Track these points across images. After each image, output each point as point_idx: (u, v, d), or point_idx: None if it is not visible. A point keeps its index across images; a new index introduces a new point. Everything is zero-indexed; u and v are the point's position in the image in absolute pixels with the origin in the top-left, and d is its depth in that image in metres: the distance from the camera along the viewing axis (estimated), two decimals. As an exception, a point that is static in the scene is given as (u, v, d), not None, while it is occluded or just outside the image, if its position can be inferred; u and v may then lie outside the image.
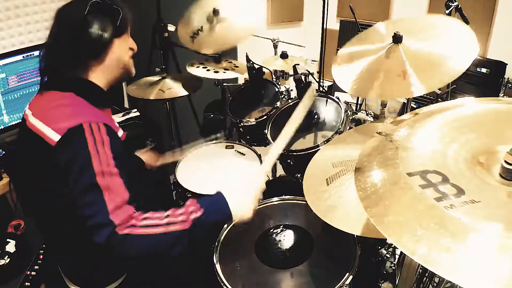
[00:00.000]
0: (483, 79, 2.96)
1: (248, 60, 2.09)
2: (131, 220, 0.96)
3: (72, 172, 0.96)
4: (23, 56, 2.00)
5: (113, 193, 0.96)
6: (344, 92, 1.43)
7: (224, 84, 2.42)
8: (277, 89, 2.10)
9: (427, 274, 1.51)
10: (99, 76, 1.15)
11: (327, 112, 1.84)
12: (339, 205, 1.21)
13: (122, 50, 1.17)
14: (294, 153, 1.67)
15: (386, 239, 0.56)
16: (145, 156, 1.69)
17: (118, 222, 0.93)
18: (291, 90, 2.11)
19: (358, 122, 1.79)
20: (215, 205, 1.09)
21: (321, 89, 2.43)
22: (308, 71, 2.04)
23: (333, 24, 3.99)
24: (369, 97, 1.41)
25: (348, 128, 1.74)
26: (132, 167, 1.25)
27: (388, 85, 1.33)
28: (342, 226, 1.12)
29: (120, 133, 1.17)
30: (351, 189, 1.22)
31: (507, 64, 2.86)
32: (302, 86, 1.87)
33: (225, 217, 1.09)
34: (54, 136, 0.99)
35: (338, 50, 1.69)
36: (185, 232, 0.99)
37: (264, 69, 2.14)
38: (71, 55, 1.08)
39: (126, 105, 2.95)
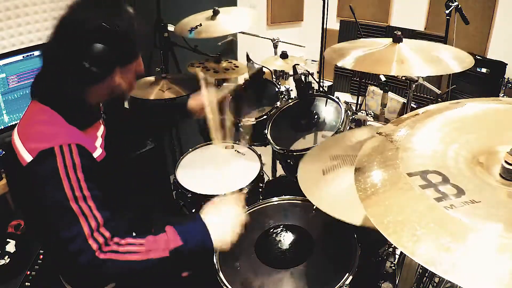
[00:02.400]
0: (483, 79, 2.96)
1: (248, 60, 2.10)
2: (112, 245, 0.96)
3: (44, 196, 0.95)
4: (23, 56, 2.00)
5: (88, 218, 0.95)
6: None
7: (224, 84, 2.42)
8: (277, 89, 2.10)
9: (427, 274, 1.51)
10: (90, 96, 1.11)
11: (327, 112, 1.84)
12: (334, 192, 1.24)
13: (123, 79, 1.11)
14: (294, 153, 1.68)
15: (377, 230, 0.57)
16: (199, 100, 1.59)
17: (95, 247, 0.93)
18: (291, 90, 2.11)
19: (358, 122, 1.79)
20: (196, 237, 1.06)
21: (321, 89, 2.43)
22: (308, 71, 2.04)
23: (333, 24, 3.99)
24: (364, 69, 1.46)
25: (348, 128, 1.74)
26: (115, 182, 1.19)
27: (383, 64, 1.40)
28: (336, 214, 1.13)
29: (98, 152, 1.11)
30: (346, 179, 1.26)
31: (507, 64, 2.86)
32: (302, 86, 1.88)
33: (206, 249, 1.06)
34: (26, 157, 0.97)
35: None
36: (164, 260, 0.99)
37: (264, 69, 2.14)
38: (65, 74, 1.04)
39: (126, 105, 2.94)
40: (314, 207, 1.25)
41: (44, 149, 0.96)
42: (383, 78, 1.89)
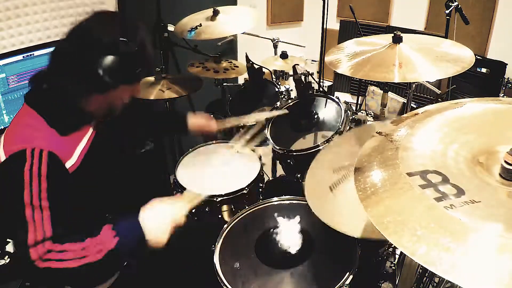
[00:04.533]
0: (483, 79, 2.96)
1: (248, 60, 2.10)
2: (48, 254, 0.96)
3: (4, 197, 0.98)
4: (23, 56, 2.00)
5: (37, 228, 0.96)
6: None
7: (224, 84, 2.42)
8: (277, 89, 2.10)
9: (427, 274, 1.51)
10: (89, 103, 1.11)
11: (327, 112, 1.84)
12: (344, 209, 1.22)
13: (122, 98, 1.14)
14: (294, 153, 1.67)
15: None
16: (200, 120, 1.67)
17: (34, 257, 0.94)
18: (291, 90, 2.11)
19: (358, 122, 1.79)
20: (131, 232, 1.07)
21: (321, 89, 2.43)
22: (308, 71, 2.04)
23: (333, 24, 3.99)
24: (363, 77, 1.44)
25: (348, 128, 1.74)
26: (99, 187, 1.19)
27: (382, 71, 1.37)
28: (349, 231, 1.12)
29: (73, 161, 1.09)
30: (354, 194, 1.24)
31: (507, 64, 2.86)
32: (302, 86, 1.88)
33: (140, 243, 1.07)
34: (2, 157, 0.99)
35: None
36: (98, 262, 0.99)
37: (264, 69, 2.14)
38: (75, 77, 1.04)
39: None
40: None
41: (15, 151, 0.98)
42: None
